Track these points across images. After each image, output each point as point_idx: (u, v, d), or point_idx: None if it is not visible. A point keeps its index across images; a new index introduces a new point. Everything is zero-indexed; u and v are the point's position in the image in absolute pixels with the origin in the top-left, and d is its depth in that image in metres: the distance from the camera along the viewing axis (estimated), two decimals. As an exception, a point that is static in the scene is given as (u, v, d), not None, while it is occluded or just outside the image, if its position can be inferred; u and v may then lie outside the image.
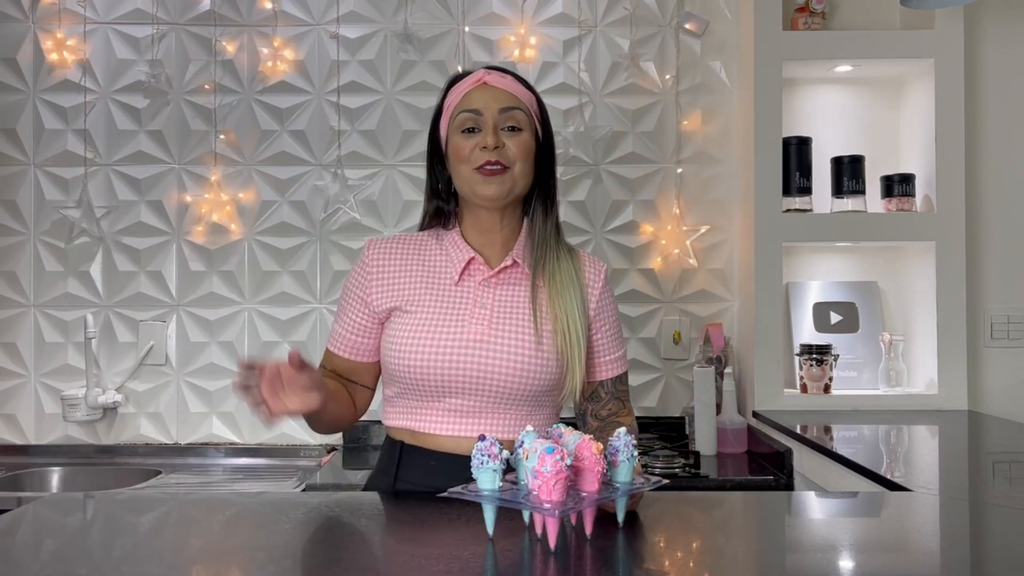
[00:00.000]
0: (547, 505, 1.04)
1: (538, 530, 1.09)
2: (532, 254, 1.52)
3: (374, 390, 1.60)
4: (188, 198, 2.60)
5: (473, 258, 1.51)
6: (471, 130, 1.48)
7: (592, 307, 1.54)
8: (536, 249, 1.52)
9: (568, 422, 1.53)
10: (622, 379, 1.59)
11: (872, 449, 1.97)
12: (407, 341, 1.45)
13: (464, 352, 1.44)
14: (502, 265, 1.51)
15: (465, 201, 1.54)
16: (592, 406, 1.57)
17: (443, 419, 1.47)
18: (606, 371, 1.56)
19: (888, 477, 1.56)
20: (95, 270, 2.61)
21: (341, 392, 1.54)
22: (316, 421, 1.49)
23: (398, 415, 1.51)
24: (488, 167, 1.46)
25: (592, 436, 1.14)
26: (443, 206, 1.57)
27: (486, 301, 1.49)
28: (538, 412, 1.50)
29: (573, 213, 2.61)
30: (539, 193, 1.54)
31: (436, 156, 1.57)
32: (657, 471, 2.14)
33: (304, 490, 2.07)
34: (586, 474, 1.10)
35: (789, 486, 2.07)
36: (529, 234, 1.54)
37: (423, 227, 1.61)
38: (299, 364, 1.29)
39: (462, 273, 1.51)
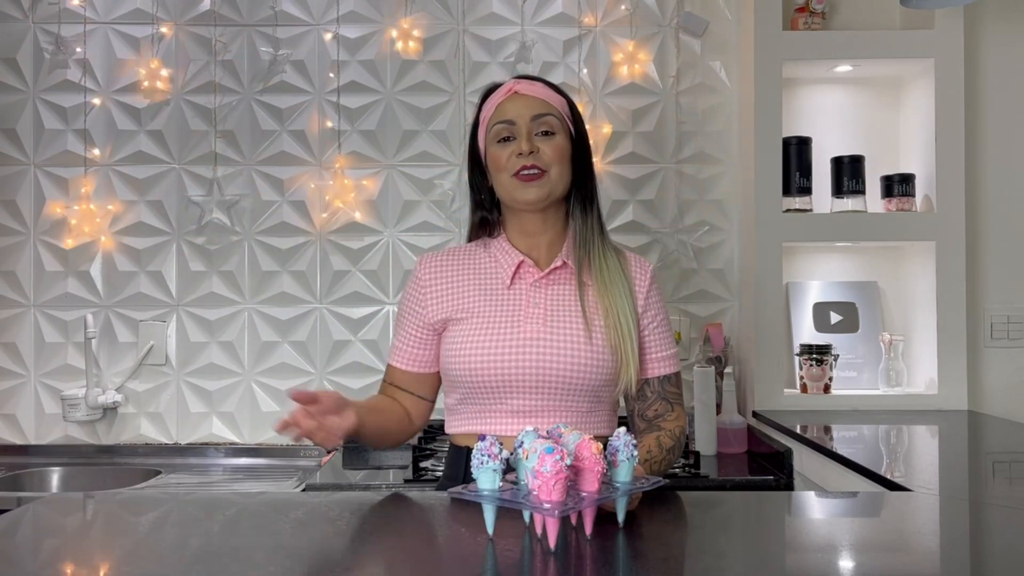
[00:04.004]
0: (547, 505, 1.04)
1: (538, 530, 1.09)
2: (576, 249, 1.55)
3: (434, 402, 1.64)
4: (190, 196, 2.60)
5: (523, 261, 1.55)
6: (506, 139, 1.53)
7: (640, 304, 1.57)
8: (580, 247, 1.55)
9: (624, 422, 1.55)
10: (671, 380, 1.59)
11: (872, 449, 1.97)
12: (466, 345, 1.50)
13: (521, 350, 1.47)
14: (552, 266, 1.55)
15: (508, 208, 1.59)
16: (639, 405, 1.58)
17: (506, 421, 1.50)
18: (653, 369, 1.57)
19: (888, 477, 1.56)
20: (95, 270, 2.61)
21: (388, 406, 1.58)
22: (363, 436, 1.50)
23: (462, 422, 1.55)
24: (525, 171, 1.50)
25: (592, 437, 1.14)
26: (487, 216, 1.62)
27: (539, 301, 1.53)
28: (597, 409, 1.53)
29: (573, 213, 2.60)
30: (577, 193, 1.58)
31: (476, 168, 1.62)
32: (657, 471, 2.13)
33: (304, 490, 2.07)
34: (586, 474, 1.10)
35: (789, 486, 2.06)
36: (572, 230, 1.57)
37: (470, 239, 1.66)
38: (310, 399, 1.32)
39: (513, 277, 1.55)
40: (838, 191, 2.47)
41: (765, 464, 2.22)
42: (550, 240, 1.58)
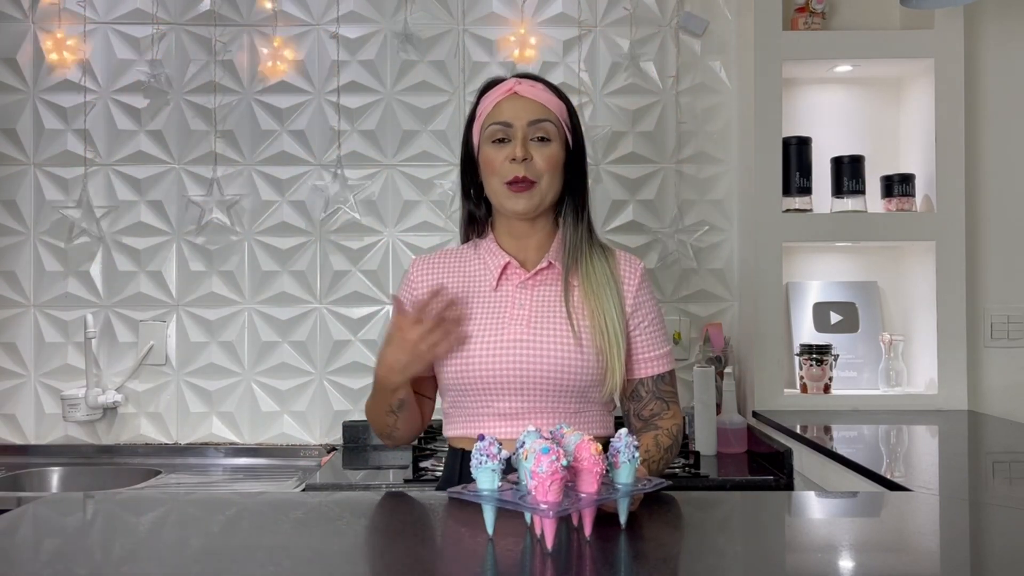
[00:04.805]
0: (543, 506, 1.04)
1: (538, 530, 1.09)
2: (565, 255, 1.55)
3: (434, 400, 1.65)
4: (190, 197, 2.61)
5: (509, 263, 1.55)
6: (501, 140, 1.52)
7: (629, 304, 1.56)
8: (569, 251, 1.55)
9: (621, 421, 1.54)
10: (665, 378, 1.58)
11: (872, 449, 1.97)
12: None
13: (505, 352, 1.47)
14: (539, 267, 1.54)
15: (497, 210, 1.58)
16: (634, 406, 1.57)
17: (497, 423, 1.49)
18: (645, 369, 1.56)
19: (888, 477, 1.56)
20: (95, 270, 2.61)
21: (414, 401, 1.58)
22: (393, 425, 1.54)
23: (456, 425, 1.55)
24: (516, 184, 1.49)
25: (591, 437, 1.13)
26: (475, 211, 1.62)
27: (524, 302, 1.52)
28: (587, 410, 1.52)
29: (573, 213, 2.60)
30: (569, 198, 1.58)
31: (468, 161, 1.60)
32: (657, 471, 2.13)
33: (304, 490, 2.07)
34: (585, 475, 1.10)
35: (789, 486, 2.06)
36: (562, 236, 1.57)
37: (463, 238, 1.66)
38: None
39: (499, 278, 1.54)
40: (838, 191, 2.47)
41: (765, 464, 2.22)
42: (538, 242, 1.57)
